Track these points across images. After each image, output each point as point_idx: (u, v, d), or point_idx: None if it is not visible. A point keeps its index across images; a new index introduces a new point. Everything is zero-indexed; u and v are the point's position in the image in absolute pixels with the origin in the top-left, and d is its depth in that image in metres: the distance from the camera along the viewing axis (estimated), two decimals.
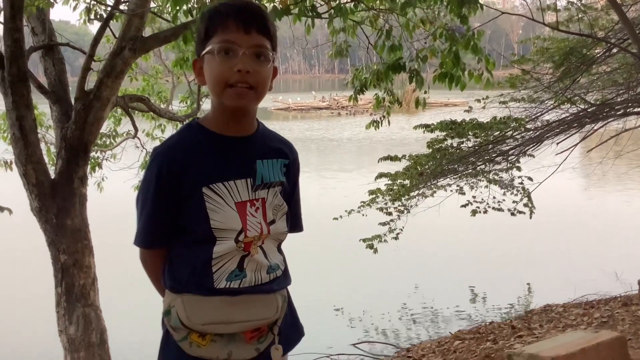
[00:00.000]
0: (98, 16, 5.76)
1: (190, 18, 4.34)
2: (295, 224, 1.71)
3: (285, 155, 1.63)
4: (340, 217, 7.56)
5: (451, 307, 8.53)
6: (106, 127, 7.21)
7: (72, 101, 4.98)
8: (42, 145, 6.04)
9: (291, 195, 1.67)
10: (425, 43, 5.16)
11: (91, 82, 5.06)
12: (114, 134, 7.65)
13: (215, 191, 1.48)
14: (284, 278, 1.64)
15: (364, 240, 7.26)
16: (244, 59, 1.43)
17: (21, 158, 4.63)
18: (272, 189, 1.57)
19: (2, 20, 4.53)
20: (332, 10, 4.37)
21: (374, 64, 5.74)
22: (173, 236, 1.54)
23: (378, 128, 6.12)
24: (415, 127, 7.76)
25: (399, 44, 4.97)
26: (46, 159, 5.90)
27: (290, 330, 1.65)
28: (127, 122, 6.80)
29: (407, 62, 4.89)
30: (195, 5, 4.22)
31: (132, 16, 4.78)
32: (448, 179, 7.97)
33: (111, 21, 5.29)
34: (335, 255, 10.35)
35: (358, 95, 5.60)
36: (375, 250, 7.13)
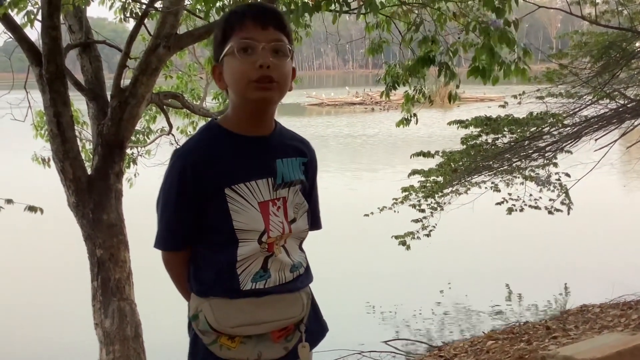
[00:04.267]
0: (134, 14, 5.83)
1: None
2: (314, 221, 1.72)
3: (303, 154, 1.65)
4: (372, 213, 7.52)
5: (485, 305, 8.43)
6: (141, 124, 7.31)
7: (109, 98, 5.06)
8: (79, 142, 6.17)
9: (310, 193, 1.68)
10: (459, 37, 5.10)
11: (127, 79, 5.13)
12: (148, 130, 7.74)
13: (238, 192, 1.49)
14: (307, 275, 1.65)
15: (396, 237, 7.21)
16: (264, 54, 1.44)
17: (59, 154, 4.72)
18: (292, 187, 1.58)
19: (40, 19, 4.60)
20: (363, 6, 4.34)
21: (407, 60, 5.69)
22: (196, 239, 1.54)
23: (407, 125, 6.06)
24: (449, 123, 7.67)
25: (431, 38, 4.91)
26: (83, 156, 6.03)
27: (315, 326, 1.66)
28: (162, 119, 6.88)
29: (438, 55, 4.84)
30: (227, 3, 4.24)
31: (166, 14, 4.82)
32: (482, 176, 7.88)
33: (146, 19, 5.34)
34: (367, 252, 10.31)
35: (390, 91, 5.55)
36: (408, 247, 7.08)
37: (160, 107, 6.16)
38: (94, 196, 4.84)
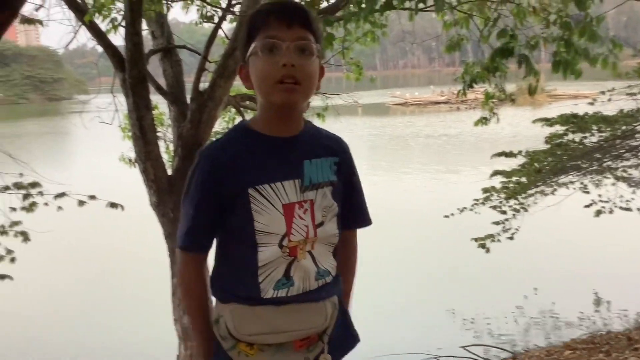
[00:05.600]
0: (211, 18, 5.98)
1: None
2: (361, 218, 1.65)
3: (334, 153, 1.57)
4: (452, 214, 7.37)
5: (571, 312, 8.06)
6: (220, 125, 7.49)
7: (188, 101, 5.21)
8: (162, 143, 6.41)
9: (350, 192, 1.61)
10: (542, 32, 4.90)
11: (206, 82, 5.26)
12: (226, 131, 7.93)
13: (261, 193, 1.45)
14: (334, 284, 1.57)
15: (475, 240, 7.03)
16: (288, 53, 1.40)
17: (141, 156, 4.91)
18: (320, 189, 1.51)
19: (123, 25, 4.81)
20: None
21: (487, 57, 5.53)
22: (218, 244, 1.51)
23: (486, 124, 5.88)
24: (534, 121, 7.39)
25: (510, 31, 4.75)
26: (166, 157, 6.26)
27: (343, 337, 1.59)
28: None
29: (517, 47, 4.66)
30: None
31: (243, 18, 4.92)
32: (570, 176, 7.54)
33: (224, 22, 5.46)
34: (447, 254, 10.11)
35: (467, 89, 5.41)
36: (487, 250, 6.88)
37: (237, 109, 6.29)
38: (174, 196, 5.00)
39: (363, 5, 4.26)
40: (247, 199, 1.44)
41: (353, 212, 1.61)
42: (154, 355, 7.37)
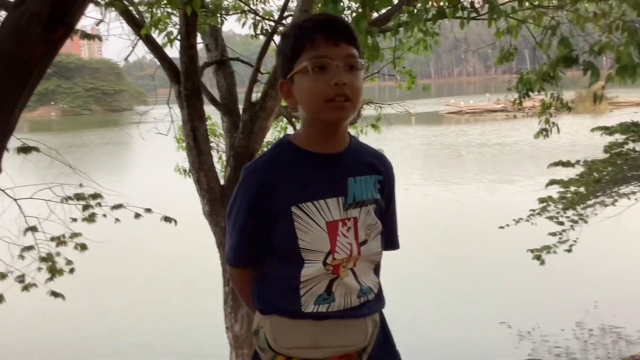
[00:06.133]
0: (264, 31, 6.06)
1: None
2: (390, 241, 1.61)
3: (378, 171, 1.55)
4: (507, 225, 7.21)
5: (633, 327, 7.75)
6: (272, 135, 7.56)
7: (240, 112, 5.29)
8: (215, 154, 6.51)
9: (386, 211, 1.57)
10: (605, 37, 4.76)
11: (258, 94, 5.32)
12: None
13: (305, 210, 1.43)
14: (377, 302, 1.54)
15: (531, 251, 6.85)
16: (339, 72, 1.39)
17: (194, 166, 5.02)
18: (364, 207, 1.49)
19: (179, 39, 4.93)
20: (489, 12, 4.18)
21: (541, 65, 5.41)
22: (262, 257, 1.52)
23: (547, 136, 5.74)
24: (593, 130, 7.19)
25: (568, 39, 4.63)
26: (219, 167, 6.36)
27: (383, 356, 1.57)
28: (292, 131, 7.08)
29: (581, 54, 4.54)
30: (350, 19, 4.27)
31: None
32: (632, 187, 7.28)
33: (276, 35, 5.53)
34: (503, 265, 9.89)
35: (523, 99, 5.30)
36: (542, 262, 6.70)
37: (289, 119, 6.35)
38: (226, 205, 5.07)
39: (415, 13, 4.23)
40: (291, 217, 1.43)
41: (385, 233, 1.56)
42: None
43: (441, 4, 4.10)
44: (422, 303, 8.93)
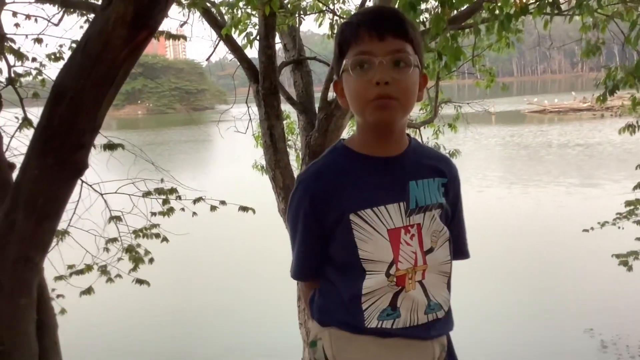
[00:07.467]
0: None
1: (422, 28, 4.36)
2: (458, 249, 1.46)
3: (442, 174, 1.42)
4: (592, 228, 6.92)
5: None
6: (348, 134, 7.58)
7: (316, 111, 5.34)
8: (292, 152, 6.60)
9: (452, 217, 1.45)
10: None
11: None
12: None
13: (364, 218, 1.33)
14: (446, 322, 1.41)
15: (617, 257, 6.54)
16: (382, 69, 1.27)
17: (271, 163, 5.11)
18: (428, 212, 1.37)
19: (258, 39, 5.03)
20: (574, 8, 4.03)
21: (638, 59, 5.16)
22: (324, 268, 1.43)
23: (633, 133, 5.47)
24: None
25: None
26: (295, 165, 6.44)
27: None
28: None
29: None
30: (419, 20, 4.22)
31: None
32: None
33: None
34: (583, 270, 9.50)
35: (608, 96, 5.08)
36: (630, 268, 6.38)
37: None
38: None
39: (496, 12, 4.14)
40: (349, 226, 1.32)
41: (452, 241, 1.43)
42: (279, 357, 7.60)
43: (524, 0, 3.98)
44: (501, 308, 8.71)
